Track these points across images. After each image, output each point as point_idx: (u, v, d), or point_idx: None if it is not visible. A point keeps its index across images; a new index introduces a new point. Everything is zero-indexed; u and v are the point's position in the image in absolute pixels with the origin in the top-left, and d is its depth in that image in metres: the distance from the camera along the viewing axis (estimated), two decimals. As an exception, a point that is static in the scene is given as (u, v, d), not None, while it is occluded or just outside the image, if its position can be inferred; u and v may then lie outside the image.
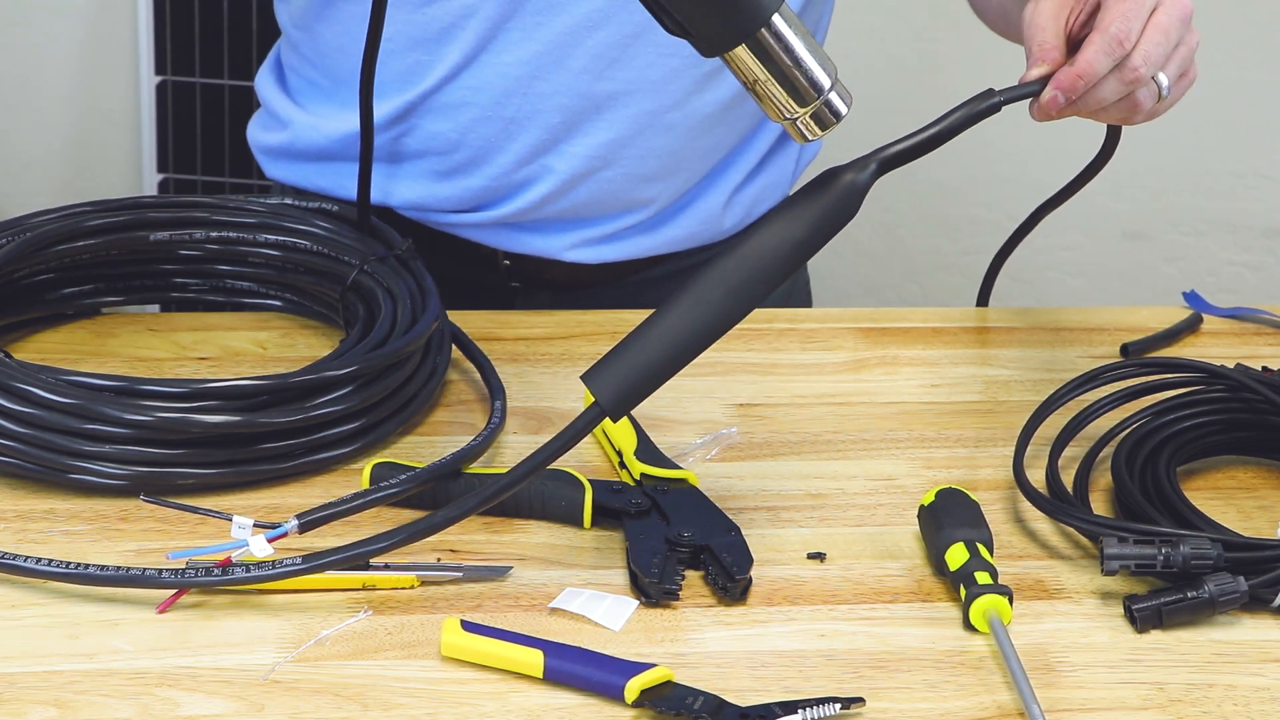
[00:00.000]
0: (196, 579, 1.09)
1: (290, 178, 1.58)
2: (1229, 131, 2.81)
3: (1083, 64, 1.22)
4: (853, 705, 1.03)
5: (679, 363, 1.14)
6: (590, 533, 1.20)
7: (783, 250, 1.14)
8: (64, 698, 1.02)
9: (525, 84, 1.46)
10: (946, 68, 2.71)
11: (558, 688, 1.04)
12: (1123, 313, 1.56)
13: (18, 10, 2.64)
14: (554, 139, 1.48)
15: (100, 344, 1.41)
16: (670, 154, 1.50)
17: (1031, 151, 2.72)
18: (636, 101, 1.47)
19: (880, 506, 1.25)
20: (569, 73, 1.45)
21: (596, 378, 1.13)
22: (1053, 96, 1.23)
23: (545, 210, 1.51)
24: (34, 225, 1.38)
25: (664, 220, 1.55)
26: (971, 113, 1.19)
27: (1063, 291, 2.88)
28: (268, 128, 1.59)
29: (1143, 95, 1.25)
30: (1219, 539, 1.14)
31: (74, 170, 2.73)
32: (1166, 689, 1.07)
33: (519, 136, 1.48)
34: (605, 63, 1.45)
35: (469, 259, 1.56)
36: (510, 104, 1.46)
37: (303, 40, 1.54)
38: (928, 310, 1.55)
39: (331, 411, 1.24)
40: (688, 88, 1.48)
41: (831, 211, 1.15)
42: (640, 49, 1.45)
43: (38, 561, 1.10)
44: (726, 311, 1.14)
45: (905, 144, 1.17)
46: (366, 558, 1.12)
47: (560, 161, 1.49)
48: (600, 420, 1.13)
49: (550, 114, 1.47)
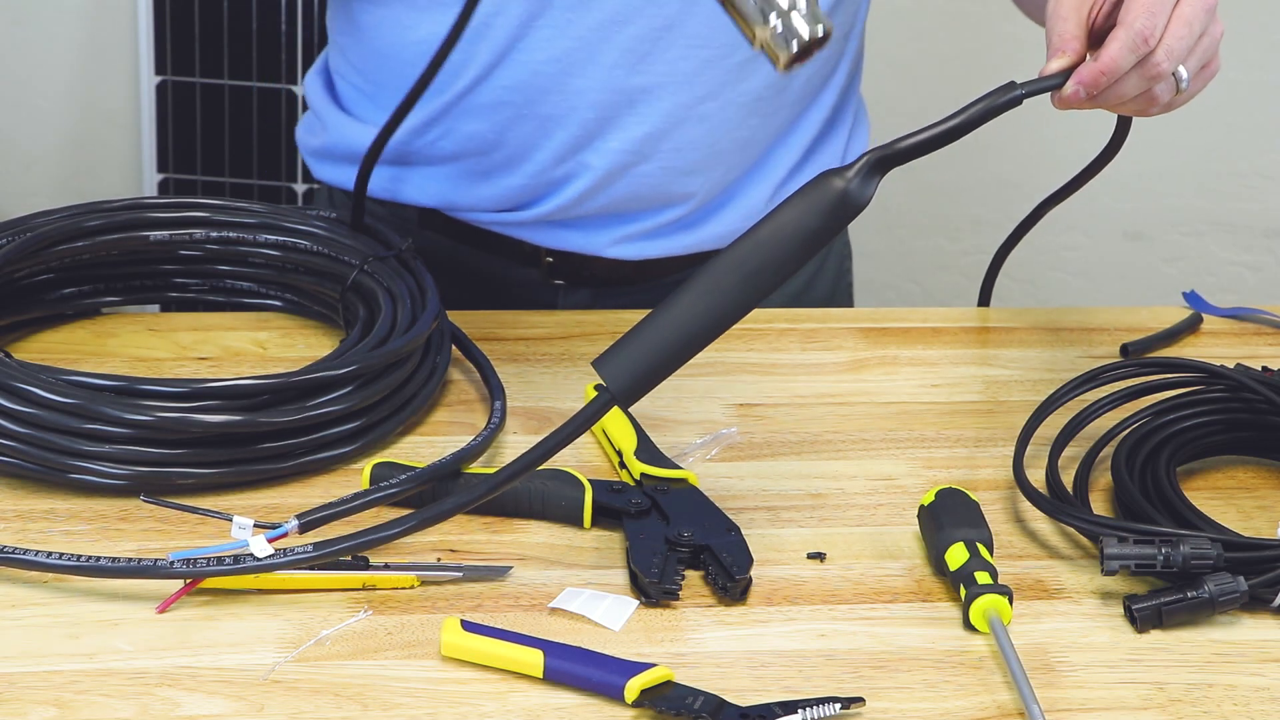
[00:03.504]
0: (208, 569, 1.09)
1: (336, 179, 1.59)
2: (1229, 131, 2.81)
3: (1106, 60, 1.20)
4: (853, 705, 1.03)
5: (689, 352, 1.13)
6: (590, 533, 1.20)
7: (796, 238, 1.13)
8: (64, 698, 1.02)
9: (558, 81, 1.46)
10: (944, 67, 2.71)
11: (558, 688, 1.04)
12: (1123, 313, 1.56)
13: (18, 10, 2.64)
14: (589, 135, 1.48)
15: (100, 344, 1.41)
16: (707, 146, 1.50)
17: (1032, 152, 2.72)
18: (670, 95, 1.47)
19: (880, 506, 1.25)
20: (601, 68, 1.46)
21: (607, 364, 1.13)
22: (1074, 91, 1.21)
23: (585, 207, 1.52)
24: (34, 225, 1.38)
25: (706, 216, 1.54)
26: (992, 105, 1.18)
27: (1063, 291, 2.88)
28: (313, 131, 1.61)
29: (1161, 89, 1.23)
30: (1219, 539, 1.14)
31: (74, 170, 2.73)
32: (1166, 689, 1.07)
33: (554, 134, 1.48)
34: (636, 57, 1.46)
35: (512, 256, 1.57)
36: (544, 102, 1.47)
37: (349, 45, 1.56)
38: (928, 310, 1.55)
39: (331, 411, 1.24)
40: (721, 79, 1.48)
41: (846, 199, 1.14)
42: (671, 42, 1.46)
43: (48, 555, 1.10)
44: (738, 300, 1.13)
45: (924, 135, 1.16)
46: (381, 543, 1.12)
47: (596, 157, 1.49)
48: (610, 407, 1.13)
49: (584, 110, 1.47)
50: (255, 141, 2.63)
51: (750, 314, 1.15)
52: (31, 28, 2.66)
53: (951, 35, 2.69)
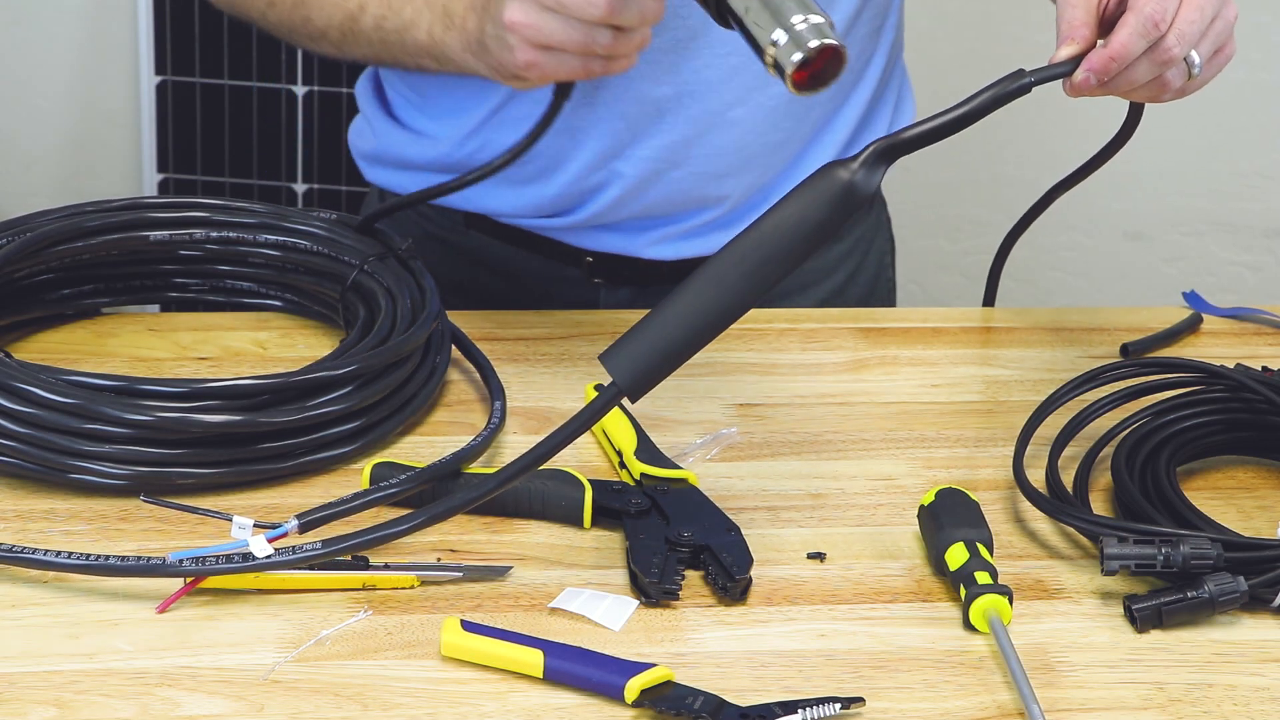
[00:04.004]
0: (216, 567, 1.09)
1: (387, 183, 1.62)
2: (1229, 131, 2.81)
3: (1116, 45, 1.19)
4: (853, 705, 1.03)
5: (695, 346, 1.13)
6: (590, 533, 1.20)
7: (802, 230, 1.13)
8: (64, 698, 1.02)
9: (586, 94, 1.48)
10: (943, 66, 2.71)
11: (558, 688, 1.04)
12: (1123, 313, 1.56)
13: (18, 10, 2.64)
14: (620, 144, 1.50)
15: (100, 344, 1.41)
16: (738, 150, 1.51)
17: (1033, 152, 2.72)
18: (697, 102, 1.48)
19: (880, 506, 1.25)
20: (627, 79, 1.46)
21: (614, 358, 1.12)
22: (1085, 78, 1.21)
23: (620, 212, 1.53)
24: (34, 225, 1.38)
25: (742, 215, 1.55)
26: (1001, 93, 1.17)
27: (1063, 291, 2.88)
28: (364, 135, 1.64)
29: (1172, 75, 1.23)
30: (1219, 539, 1.14)
31: (74, 170, 2.73)
32: (1166, 689, 1.07)
33: (585, 144, 1.50)
34: (662, 68, 1.46)
35: (555, 257, 1.59)
36: (574, 114, 1.48)
37: None
38: (928, 310, 1.55)
39: (331, 411, 1.24)
40: (749, 83, 1.48)
41: (852, 189, 1.13)
42: (696, 51, 1.46)
43: (57, 555, 1.10)
44: (743, 294, 1.13)
45: (931, 124, 1.15)
46: (390, 539, 1.12)
47: (628, 165, 1.50)
48: (618, 400, 1.12)
49: (613, 120, 1.49)
50: (255, 141, 2.63)
51: (750, 314, 1.15)
52: (31, 28, 2.65)
53: (952, 36, 2.69)
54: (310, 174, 2.63)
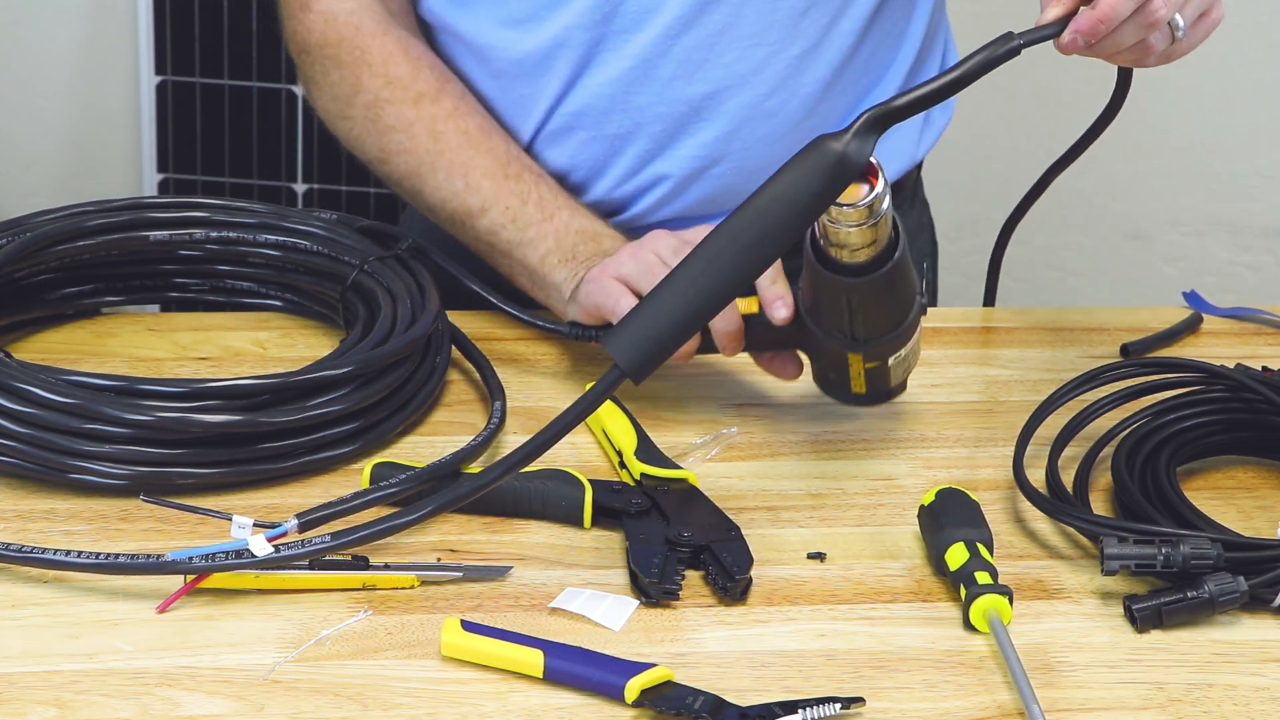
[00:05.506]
0: (226, 563, 1.09)
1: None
2: (1229, 131, 2.81)
3: (1105, 8, 1.19)
4: (853, 705, 1.03)
5: (696, 323, 1.14)
6: (590, 533, 1.20)
7: (797, 204, 1.13)
8: (64, 698, 1.02)
9: (622, 100, 1.48)
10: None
11: (558, 688, 1.04)
12: (1123, 313, 1.56)
13: (18, 10, 2.64)
14: (659, 147, 1.50)
15: (100, 344, 1.41)
16: (777, 140, 1.51)
17: (1032, 151, 2.72)
18: (732, 96, 1.48)
19: (880, 506, 1.25)
20: (660, 81, 1.47)
21: (614, 340, 1.13)
22: (1072, 39, 1.20)
23: (663, 212, 1.54)
24: (34, 225, 1.38)
25: None
26: (991, 57, 1.17)
27: (1063, 291, 2.88)
28: None
29: (1156, 38, 1.23)
30: (1219, 539, 1.14)
31: (74, 170, 2.73)
32: (1166, 689, 1.07)
33: (625, 150, 1.51)
34: (694, 66, 1.47)
35: None
36: (611, 122, 1.49)
37: None
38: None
39: (331, 411, 1.24)
40: (782, 73, 1.48)
41: (844, 159, 1.13)
42: (726, 46, 1.46)
43: (55, 553, 1.10)
44: (741, 269, 1.13)
45: (922, 90, 1.15)
46: (397, 530, 1.13)
47: (669, 166, 1.51)
48: (620, 382, 1.13)
49: (651, 124, 1.49)
50: (255, 141, 2.63)
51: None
52: (31, 28, 2.65)
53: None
54: (310, 174, 2.63)
